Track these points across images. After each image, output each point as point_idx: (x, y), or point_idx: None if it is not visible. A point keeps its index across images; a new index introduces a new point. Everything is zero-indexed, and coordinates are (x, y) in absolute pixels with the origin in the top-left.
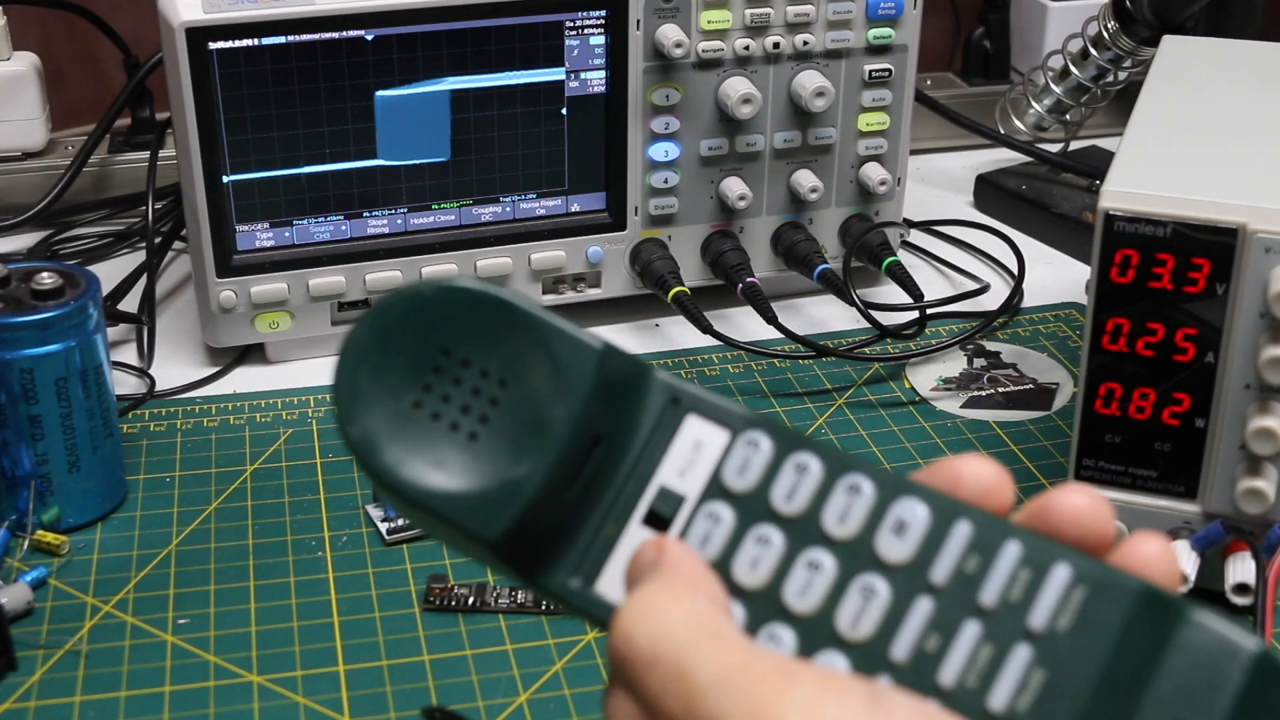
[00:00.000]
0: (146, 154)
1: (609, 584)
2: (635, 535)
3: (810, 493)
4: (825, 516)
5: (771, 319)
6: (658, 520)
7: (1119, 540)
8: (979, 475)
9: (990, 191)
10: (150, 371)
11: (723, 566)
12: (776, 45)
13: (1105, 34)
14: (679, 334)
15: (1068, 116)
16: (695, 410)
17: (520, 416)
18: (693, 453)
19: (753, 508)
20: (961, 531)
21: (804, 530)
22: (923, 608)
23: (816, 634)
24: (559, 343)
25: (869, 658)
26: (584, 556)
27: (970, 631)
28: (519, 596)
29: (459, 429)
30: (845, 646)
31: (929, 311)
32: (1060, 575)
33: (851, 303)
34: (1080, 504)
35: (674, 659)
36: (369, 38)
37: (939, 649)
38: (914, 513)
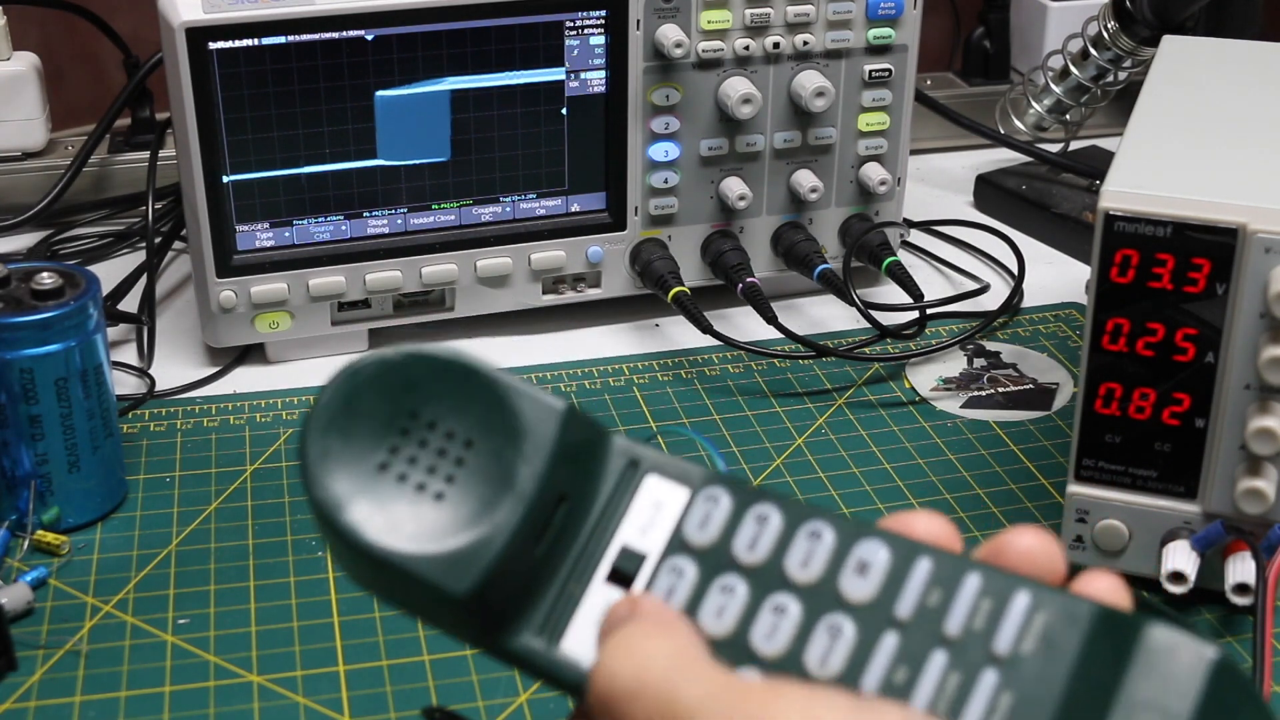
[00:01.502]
0: (146, 154)
1: (573, 643)
2: (599, 593)
3: (772, 541)
4: (788, 563)
5: (771, 319)
6: (621, 578)
7: (1073, 578)
8: (929, 528)
9: (990, 191)
10: (150, 371)
11: (689, 617)
12: (776, 45)
13: (1105, 34)
14: (679, 334)
15: (1068, 116)
16: (655, 470)
17: (487, 475)
18: (653, 511)
19: (715, 560)
20: (923, 568)
21: (767, 577)
22: (889, 642)
23: (786, 674)
24: (523, 403)
25: None
26: (548, 615)
27: (937, 661)
28: None
29: (425, 489)
30: (816, 683)
31: (929, 311)
32: (1020, 602)
33: (851, 303)
34: (1033, 544)
35: (658, 686)
36: (369, 38)
37: (908, 680)
38: (875, 553)
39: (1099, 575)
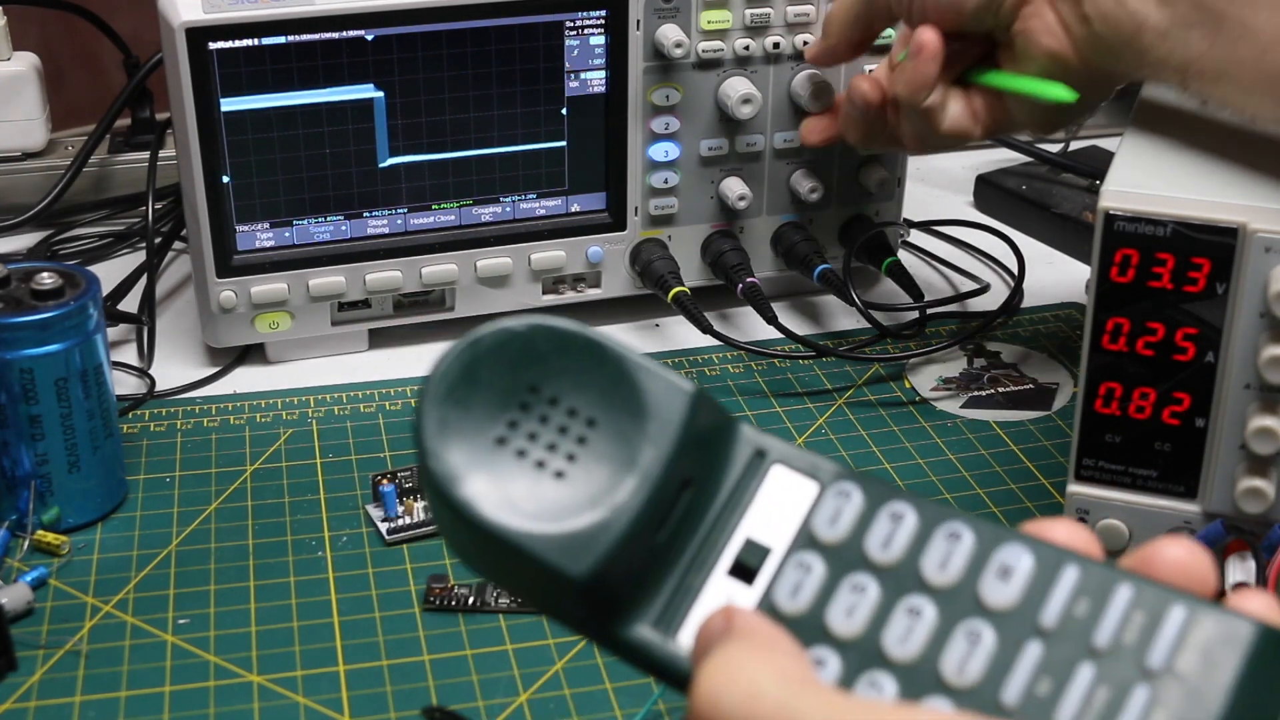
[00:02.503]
0: (146, 154)
1: (690, 636)
2: (720, 586)
3: (907, 541)
4: (924, 564)
5: (771, 319)
6: (744, 571)
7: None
8: (1071, 536)
9: (990, 191)
10: (150, 371)
11: (816, 615)
12: (776, 45)
13: None
14: (679, 334)
15: None
16: (783, 461)
17: (609, 456)
18: (780, 504)
19: (845, 557)
20: (1069, 575)
21: (901, 578)
22: (1032, 652)
23: (920, 681)
24: (651, 383)
25: (979, 703)
26: (666, 606)
27: (1085, 674)
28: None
29: (545, 466)
30: (952, 692)
31: (929, 311)
32: (1176, 616)
33: (851, 303)
34: (1184, 555)
35: (775, 713)
36: (369, 38)
37: (1052, 692)
38: (1019, 558)
39: (1255, 593)
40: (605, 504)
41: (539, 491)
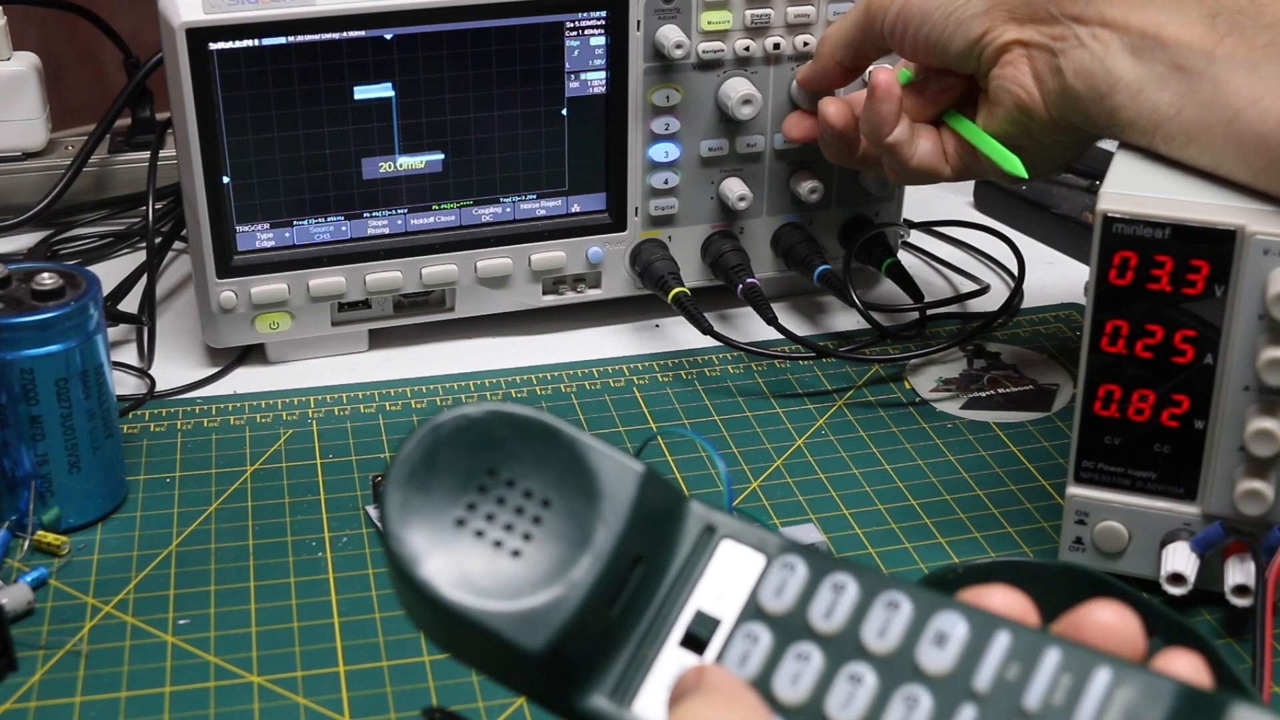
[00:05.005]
0: (146, 154)
1: (644, 706)
2: (672, 657)
3: (848, 610)
4: (865, 632)
5: (771, 320)
6: (694, 643)
7: (1152, 655)
8: (1006, 602)
9: (990, 192)
10: (150, 372)
11: (763, 684)
12: (777, 46)
13: None
14: (679, 335)
15: None
16: (731, 536)
17: (564, 535)
18: (728, 577)
19: (790, 627)
20: (1001, 641)
21: (843, 646)
22: (966, 715)
23: None
24: (603, 464)
25: None
26: (620, 677)
27: None
28: None
29: (502, 546)
30: None
31: (929, 312)
32: (1101, 678)
33: (851, 304)
34: (1111, 619)
35: None
36: (369, 38)
37: None
38: (953, 625)
39: (1179, 654)
40: (560, 581)
41: (496, 570)
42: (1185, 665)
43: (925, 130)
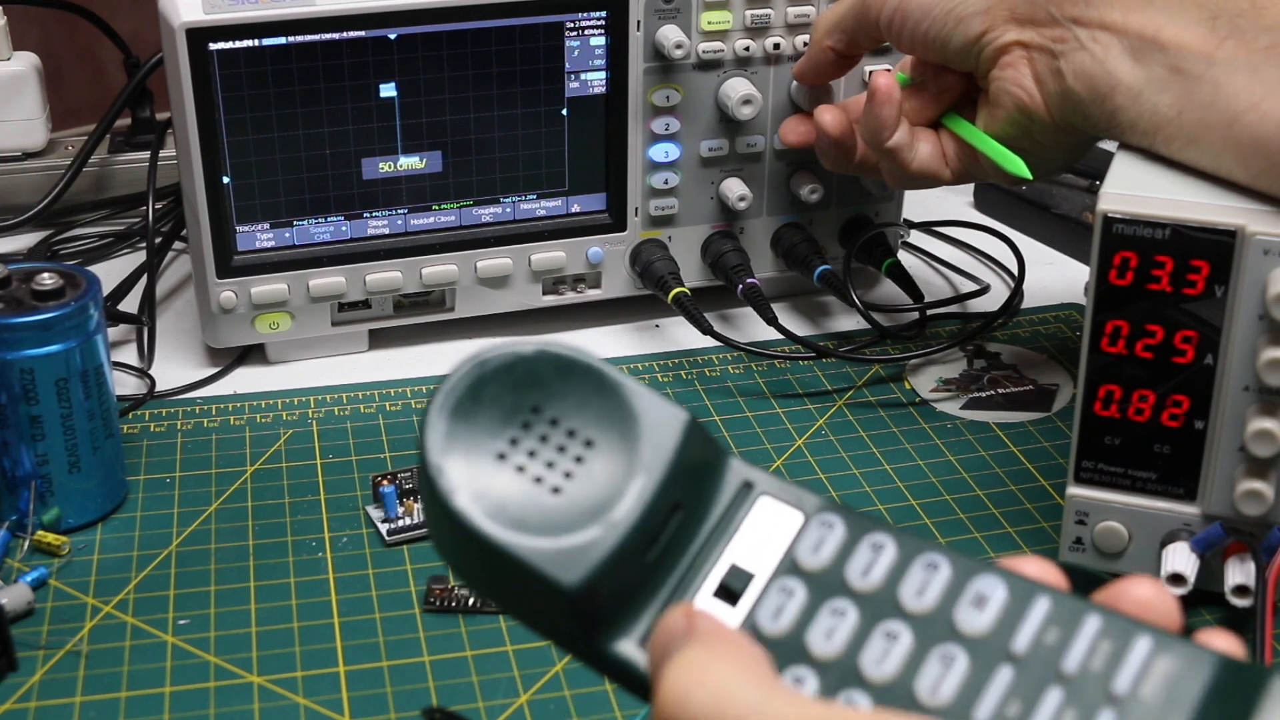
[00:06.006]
0: (146, 154)
1: None
2: (705, 607)
3: (886, 569)
4: (902, 591)
5: (772, 320)
6: (728, 594)
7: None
8: (1041, 571)
9: (990, 192)
10: (150, 372)
11: (796, 636)
12: (777, 46)
13: None
14: (679, 335)
15: None
16: (769, 494)
17: (605, 475)
18: (765, 532)
19: (826, 584)
20: (1041, 606)
21: (880, 604)
22: (1004, 675)
23: (895, 700)
24: (649, 409)
25: None
26: (650, 626)
27: (1053, 698)
28: None
29: (542, 482)
30: (925, 712)
31: (929, 312)
32: (1141, 645)
33: (852, 304)
34: (1149, 594)
35: (745, 715)
36: (369, 38)
37: (1021, 714)
38: (993, 588)
39: (1218, 632)
40: (599, 521)
41: (535, 505)
42: (1224, 642)
43: (924, 134)
